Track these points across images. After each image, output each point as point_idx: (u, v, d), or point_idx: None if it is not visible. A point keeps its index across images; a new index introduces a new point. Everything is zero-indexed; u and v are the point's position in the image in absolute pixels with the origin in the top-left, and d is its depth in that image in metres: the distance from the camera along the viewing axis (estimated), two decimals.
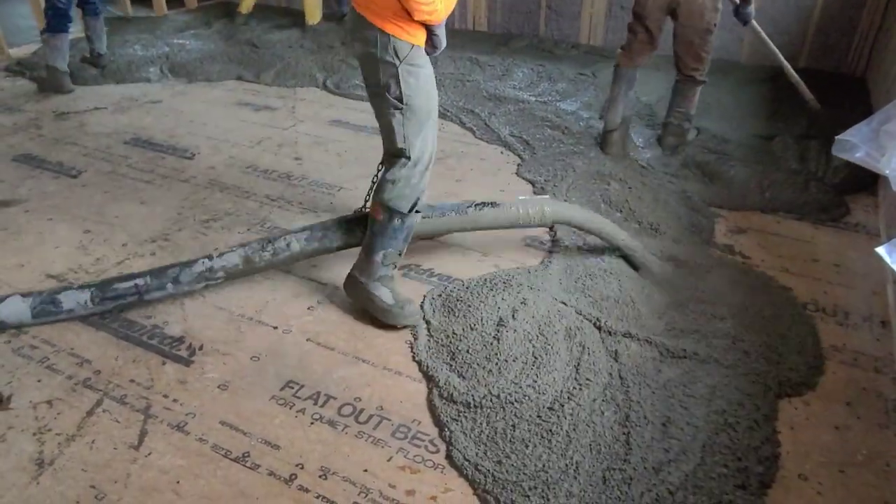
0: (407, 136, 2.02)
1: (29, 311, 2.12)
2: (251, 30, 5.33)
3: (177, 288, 2.16)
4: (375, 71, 1.95)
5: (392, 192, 2.04)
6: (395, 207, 2.04)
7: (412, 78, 1.95)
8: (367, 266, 2.13)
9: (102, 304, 2.14)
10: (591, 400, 1.82)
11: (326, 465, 1.68)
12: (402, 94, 1.95)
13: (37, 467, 1.67)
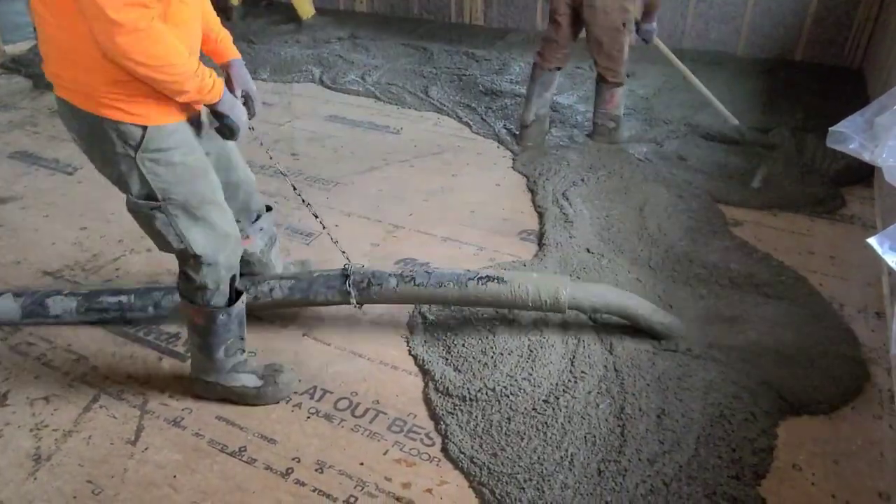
0: (181, 233, 1.60)
1: (19, 310, 2.13)
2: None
3: (157, 312, 2.12)
4: (99, 161, 1.53)
5: (203, 296, 1.70)
6: (215, 307, 1.72)
7: (161, 167, 1.52)
8: (210, 366, 1.80)
9: (87, 315, 2.13)
10: (587, 392, 1.83)
11: (323, 458, 1.68)
12: (152, 189, 1.53)
13: (34, 463, 1.68)
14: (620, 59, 3.02)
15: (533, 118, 3.25)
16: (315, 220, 2.59)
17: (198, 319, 1.74)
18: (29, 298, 2.14)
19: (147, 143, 1.48)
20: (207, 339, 1.76)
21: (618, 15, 2.89)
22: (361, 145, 3.40)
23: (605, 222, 2.63)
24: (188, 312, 1.75)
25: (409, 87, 4.08)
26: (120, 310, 2.12)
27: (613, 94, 3.14)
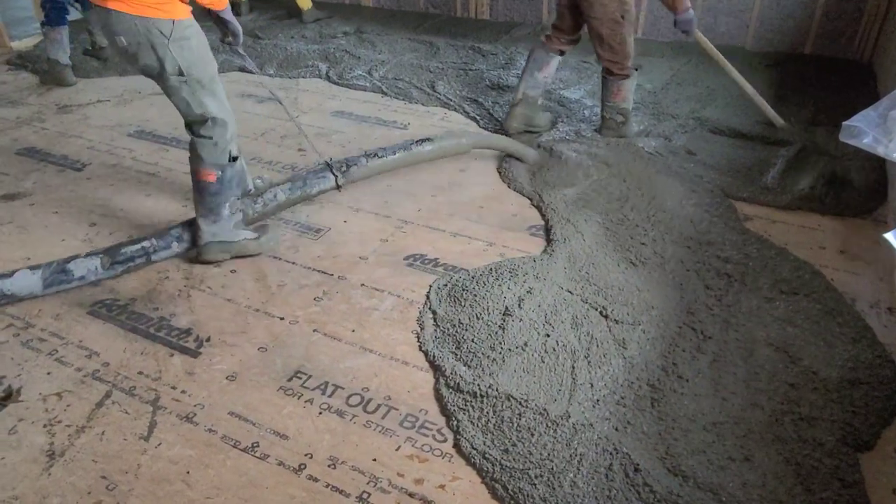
0: (201, 101, 2.24)
1: (40, 282, 2.22)
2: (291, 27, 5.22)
3: (180, 246, 2.42)
4: (147, 56, 2.13)
5: (214, 152, 2.31)
6: (223, 162, 2.34)
7: (185, 50, 2.15)
8: (218, 226, 2.38)
9: (112, 269, 2.31)
10: (599, 391, 1.83)
11: (335, 454, 1.69)
12: (182, 67, 2.16)
13: (48, 459, 1.68)
14: (623, 51, 2.96)
15: (521, 97, 3.20)
16: (325, 215, 2.59)
17: (209, 177, 2.32)
18: (48, 269, 2.23)
19: (174, 32, 2.11)
20: (216, 198, 2.36)
21: (616, 6, 2.83)
22: (369, 141, 3.39)
23: (615, 216, 2.62)
24: (201, 176, 2.33)
25: (415, 81, 4.07)
26: (145, 254, 2.37)
27: (620, 86, 3.09)
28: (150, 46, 2.11)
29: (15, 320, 2.16)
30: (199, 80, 2.21)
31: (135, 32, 2.08)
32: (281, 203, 2.58)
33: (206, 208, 2.37)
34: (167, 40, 2.11)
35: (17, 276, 2.22)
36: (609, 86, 3.10)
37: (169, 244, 2.40)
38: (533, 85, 3.18)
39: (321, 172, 2.67)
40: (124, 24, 2.07)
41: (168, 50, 2.12)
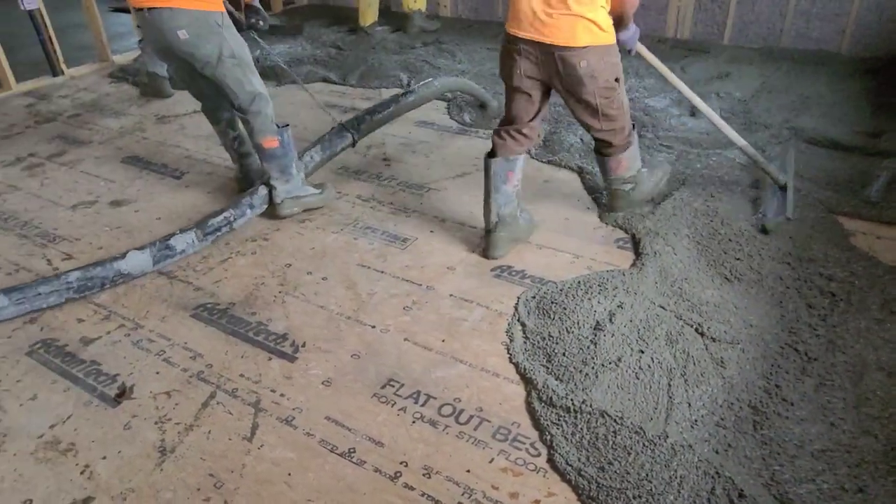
0: (250, 79, 2.62)
1: (150, 259, 2.50)
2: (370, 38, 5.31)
3: (253, 212, 2.79)
4: (205, 44, 2.47)
5: (267, 121, 2.68)
6: (279, 126, 2.71)
7: (232, 36, 2.53)
8: (291, 184, 2.80)
9: (205, 240, 2.63)
10: (697, 411, 1.78)
11: (430, 464, 1.71)
12: (233, 50, 2.53)
13: (160, 454, 1.78)
14: (623, 115, 2.40)
15: (495, 220, 2.47)
16: (412, 225, 2.64)
17: (273, 143, 2.69)
18: (154, 247, 2.51)
19: (224, 21, 2.50)
20: (285, 159, 2.74)
21: (609, 72, 2.25)
22: (451, 150, 3.43)
23: (705, 230, 2.55)
24: (267, 145, 2.69)
25: (495, 90, 4.08)
26: (228, 223, 2.71)
27: (621, 160, 2.51)
28: (210, 35, 2.46)
29: (126, 321, 2.30)
30: (247, 61, 2.60)
31: (197, 25, 2.43)
32: (317, 162, 3.06)
33: (279, 171, 2.76)
34: (221, 28, 2.49)
35: (130, 257, 2.47)
36: (607, 163, 2.55)
37: (244, 212, 2.76)
38: (505, 202, 2.47)
39: (340, 132, 3.15)
40: (186, 18, 2.42)
41: (224, 37, 2.50)
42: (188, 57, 2.53)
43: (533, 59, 2.25)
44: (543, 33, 2.16)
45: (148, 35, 2.60)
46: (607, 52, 2.23)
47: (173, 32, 2.44)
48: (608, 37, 2.20)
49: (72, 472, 1.73)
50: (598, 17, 2.12)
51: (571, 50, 2.16)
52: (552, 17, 2.13)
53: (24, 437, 1.85)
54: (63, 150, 3.72)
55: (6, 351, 2.18)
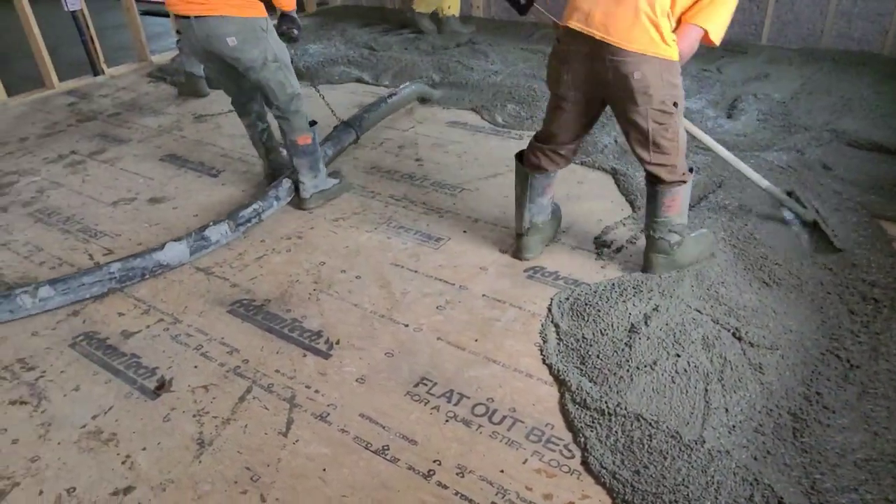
0: (290, 81, 2.75)
1: (187, 250, 2.59)
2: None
3: (279, 204, 2.93)
4: (252, 49, 2.60)
5: (303, 119, 2.83)
6: (312, 123, 2.86)
7: (274, 40, 2.67)
8: (319, 179, 2.96)
9: (237, 231, 2.75)
10: (734, 416, 1.75)
11: (463, 463, 1.71)
12: (276, 54, 2.67)
13: (198, 447, 1.81)
14: (675, 148, 2.12)
15: (528, 226, 2.46)
16: (445, 225, 2.65)
17: (307, 140, 2.85)
18: (190, 238, 2.60)
19: (268, 27, 2.63)
20: (315, 155, 2.91)
21: (666, 92, 2.01)
22: (484, 151, 3.43)
23: (740, 233, 2.51)
24: (301, 142, 2.84)
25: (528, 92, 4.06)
26: (257, 214, 2.82)
27: (675, 195, 2.20)
28: (256, 41, 2.59)
29: (165, 315, 2.34)
30: (287, 63, 2.74)
31: (245, 31, 2.56)
32: (330, 156, 3.27)
33: (309, 167, 2.91)
34: (266, 33, 2.62)
35: (168, 248, 2.56)
36: (659, 197, 2.21)
37: (271, 203, 2.89)
38: (538, 211, 2.44)
39: (345, 129, 3.45)
40: (235, 25, 2.54)
41: (268, 42, 2.63)
42: (234, 61, 2.64)
43: (583, 63, 2.05)
44: (599, 28, 1.96)
45: (191, 40, 2.63)
46: (667, 69, 1.98)
47: (222, 39, 2.55)
48: (670, 51, 1.97)
49: (113, 462, 1.78)
50: (662, 24, 1.92)
51: (626, 54, 1.95)
52: (612, 12, 1.94)
53: (68, 427, 1.90)
54: (103, 147, 3.81)
55: (51, 342, 2.24)
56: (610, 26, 1.95)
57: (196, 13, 2.51)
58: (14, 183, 3.42)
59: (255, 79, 2.69)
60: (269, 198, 2.88)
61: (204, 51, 2.65)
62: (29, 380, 2.09)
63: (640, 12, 1.91)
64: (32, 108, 4.49)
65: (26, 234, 2.93)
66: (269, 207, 2.87)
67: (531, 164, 2.35)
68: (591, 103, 2.17)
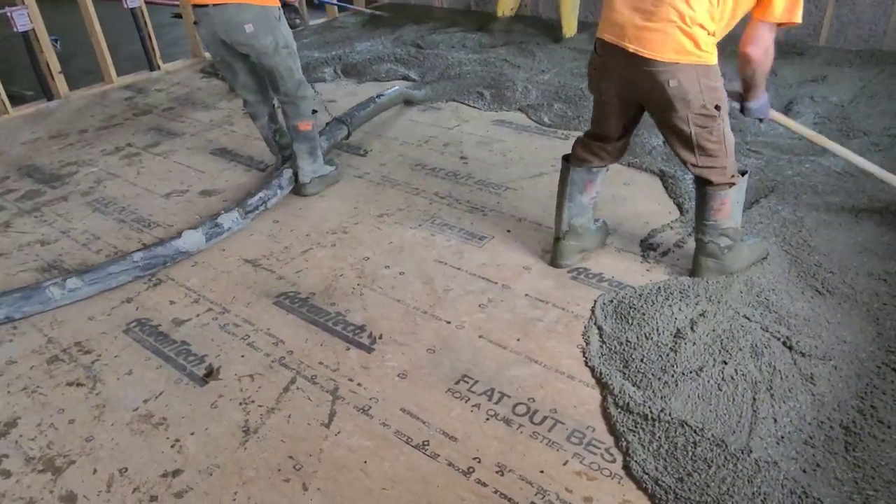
0: (297, 66, 2.91)
1: (203, 237, 2.69)
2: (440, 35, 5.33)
3: (283, 192, 3.05)
4: (266, 36, 2.72)
5: (308, 104, 2.97)
6: (315, 111, 3.01)
7: (285, 28, 2.81)
8: (317, 164, 3.09)
9: (247, 218, 2.85)
10: (783, 427, 1.71)
11: (503, 461, 1.71)
12: (286, 40, 2.81)
13: (244, 434, 1.86)
14: (722, 150, 2.07)
15: (566, 229, 2.40)
16: (489, 223, 2.65)
17: (308, 126, 3.00)
18: (205, 226, 2.71)
19: (279, 15, 2.77)
20: (314, 142, 3.05)
21: (706, 96, 1.95)
22: (529, 150, 3.41)
23: (793, 240, 2.44)
24: (302, 128, 2.99)
25: (575, 92, 4.03)
26: (263, 203, 2.94)
27: (724, 199, 2.14)
28: (270, 28, 2.73)
29: (214, 305, 2.41)
30: (295, 50, 2.88)
31: (261, 18, 2.69)
32: (325, 148, 3.27)
33: (308, 152, 3.04)
34: (279, 22, 2.76)
35: (185, 236, 2.66)
36: (708, 200, 2.16)
37: (276, 192, 3.01)
38: (578, 212, 2.38)
39: (338, 125, 3.52)
40: (253, 13, 2.67)
41: (280, 29, 2.77)
42: (248, 49, 2.76)
43: (620, 73, 2.05)
44: (632, 41, 1.95)
45: (208, 29, 2.76)
46: (705, 74, 1.94)
47: (240, 26, 2.68)
48: (707, 56, 1.93)
49: (163, 445, 1.84)
50: (696, 33, 1.89)
51: (660, 65, 1.92)
52: (645, 24, 1.93)
53: (121, 410, 1.97)
54: (158, 141, 3.93)
55: (106, 327, 2.33)
56: (643, 38, 1.94)
57: (215, 1, 2.64)
58: (74, 173, 3.56)
59: (268, 64, 2.82)
60: (272, 186, 3.01)
61: (219, 40, 2.77)
62: (85, 363, 2.17)
63: (673, 24, 1.89)
64: (92, 102, 4.66)
65: (84, 223, 3.05)
66: (274, 196, 3.00)
67: (574, 156, 2.34)
68: (630, 106, 2.17)
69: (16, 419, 1.96)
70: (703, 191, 2.17)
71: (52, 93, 4.63)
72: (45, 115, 4.45)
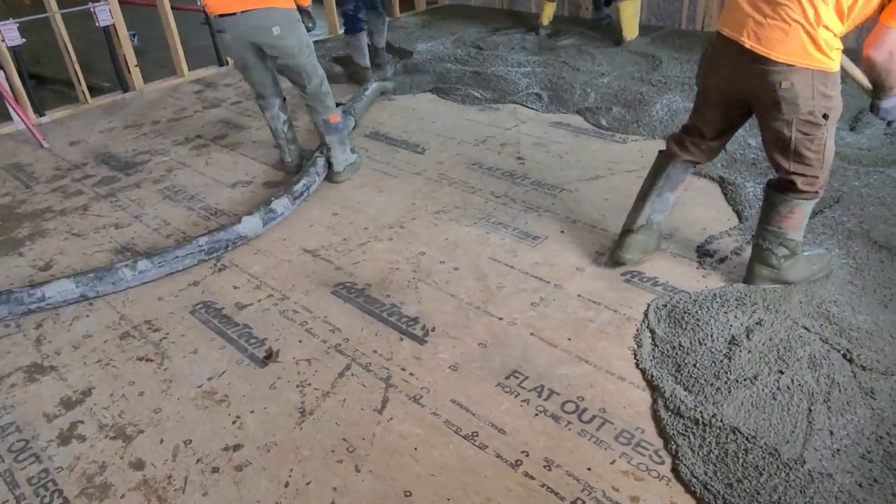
0: (316, 65, 3.12)
1: (260, 222, 2.83)
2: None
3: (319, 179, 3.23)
4: (291, 36, 2.95)
5: (331, 99, 3.22)
6: (337, 104, 3.30)
7: (303, 28, 3.04)
8: (347, 153, 3.31)
9: (295, 203, 3.01)
10: (840, 440, 1.68)
11: (550, 457, 1.74)
12: (308, 40, 3.05)
13: (300, 415, 1.93)
14: (819, 160, 2.01)
15: (643, 223, 2.39)
16: (543, 223, 2.66)
17: (337, 118, 3.23)
18: (261, 211, 2.85)
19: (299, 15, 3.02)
20: (344, 132, 3.30)
21: (817, 103, 1.90)
22: (586, 153, 3.41)
23: (862, 252, 2.38)
24: (332, 120, 3.21)
25: (636, 95, 4.00)
26: (307, 189, 3.11)
27: (795, 209, 2.09)
28: (295, 29, 2.96)
29: (274, 292, 2.51)
30: (313, 49, 3.10)
31: (286, 20, 2.91)
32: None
33: (339, 142, 3.27)
34: (298, 23, 2.99)
35: (244, 221, 2.80)
36: (777, 204, 2.11)
37: (314, 180, 3.19)
38: (661, 208, 2.39)
39: (346, 117, 3.68)
40: (278, 16, 2.89)
41: (301, 30, 3.01)
42: (276, 51, 2.97)
43: (731, 70, 2.01)
44: (750, 37, 1.91)
45: (235, 35, 2.93)
46: (822, 80, 1.88)
47: (268, 29, 2.89)
48: (827, 62, 1.87)
49: (224, 421, 1.93)
50: (820, 35, 1.82)
51: (774, 64, 1.88)
52: (766, 21, 1.87)
53: (186, 385, 2.08)
54: (225, 133, 4.09)
55: (174, 307, 2.45)
56: (761, 35, 1.90)
57: (243, 7, 2.84)
58: (146, 162, 3.74)
59: (294, 64, 3.03)
60: (311, 174, 3.18)
61: (248, 43, 2.96)
62: (154, 340, 2.29)
63: (796, 22, 1.84)
64: (164, 94, 4.88)
65: (156, 209, 3.21)
66: (314, 183, 3.18)
67: (670, 151, 2.33)
68: (733, 107, 2.14)
69: (91, 389, 2.09)
70: (776, 195, 2.12)
71: (128, 85, 4.87)
72: (121, 106, 4.68)
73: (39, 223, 3.15)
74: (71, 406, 2.03)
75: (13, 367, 2.22)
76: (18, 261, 2.86)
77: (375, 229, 2.87)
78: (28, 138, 4.14)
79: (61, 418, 1.98)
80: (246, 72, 3.15)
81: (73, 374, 2.16)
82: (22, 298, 2.40)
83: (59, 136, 4.21)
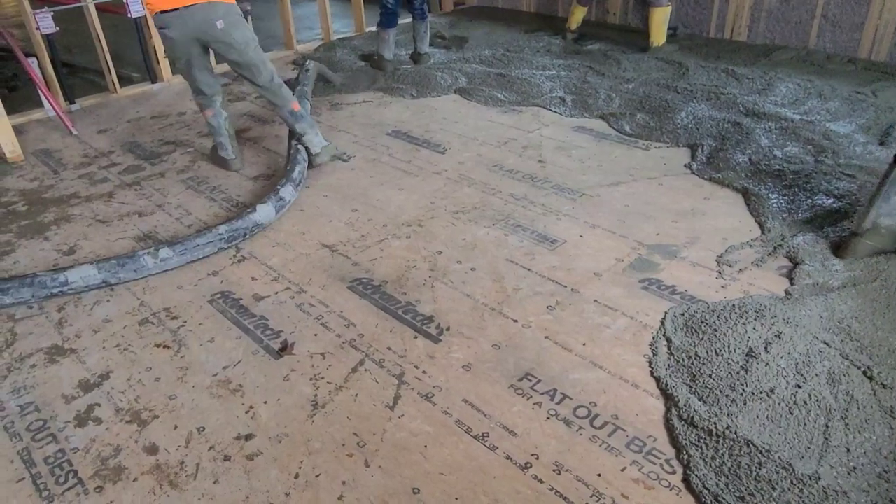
0: (266, 59, 3.20)
1: (274, 210, 2.91)
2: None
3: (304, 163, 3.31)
4: (237, 31, 3.00)
5: (286, 89, 3.28)
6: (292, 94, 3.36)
7: (244, 20, 3.07)
8: (318, 136, 3.37)
9: (297, 190, 3.10)
10: (857, 458, 1.65)
11: (560, 461, 1.73)
12: (252, 35, 3.10)
13: (312, 408, 1.94)
14: None
15: (869, 227, 2.32)
16: (562, 227, 2.65)
17: (296, 106, 3.31)
18: (272, 199, 2.92)
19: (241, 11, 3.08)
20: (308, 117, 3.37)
21: None
22: (608, 158, 3.39)
23: (891, 278, 2.34)
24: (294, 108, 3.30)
25: (661, 103, 3.97)
26: (302, 174, 3.20)
27: None
28: (239, 23, 3.01)
29: (292, 285, 2.52)
30: (258, 43, 3.14)
31: (229, 14, 2.96)
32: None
33: (309, 125, 3.35)
34: (241, 17, 3.02)
35: (259, 209, 2.86)
36: None
37: (304, 166, 3.29)
38: (888, 211, 2.30)
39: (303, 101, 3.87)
40: (222, 9, 2.94)
41: (245, 24, 3.05)
42: (224, 46, 3.02)
43: None
44: None
45: (179, 30, 2.95)
46: None
47: (212, 23, 2.93)
48: None
49: (238, 410, 1.95)
50: None
51: None
52: None
53: (202, 373, 2.10)
54: (249, 126, 4.13)
55: (192, 296, 2.48)
56: None
57: (186, 2, 2.87)
58: (171, 152, 3.79)
59: (245, 60, 3.08)
60: (300, 161, 3.28)
61: (193, 39, 2.99)
62: (172, 327, 2.32)
63: None
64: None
65: (179, 199, 3.25)
66: (304, 169, 3.29)
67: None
68: None
69: (108, 372, 2.12)
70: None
71: (157, 76, 4.94)
72: (149, 97, 4.75)
73: (65, 208, 3.21)
74: (89, 389, 2.06)
75: (35, 348, 2.26)
76: (44, 244, 2.91)
77: (394, 227, 2.88)
78: (58, 125, 4.22)
79: (79, 400, 2.02)
80: (189, 70, 3.12)
81: (91, 358, 2.19)
82: (45, 282, 2.44)
83: (87, 123, 4.28)
